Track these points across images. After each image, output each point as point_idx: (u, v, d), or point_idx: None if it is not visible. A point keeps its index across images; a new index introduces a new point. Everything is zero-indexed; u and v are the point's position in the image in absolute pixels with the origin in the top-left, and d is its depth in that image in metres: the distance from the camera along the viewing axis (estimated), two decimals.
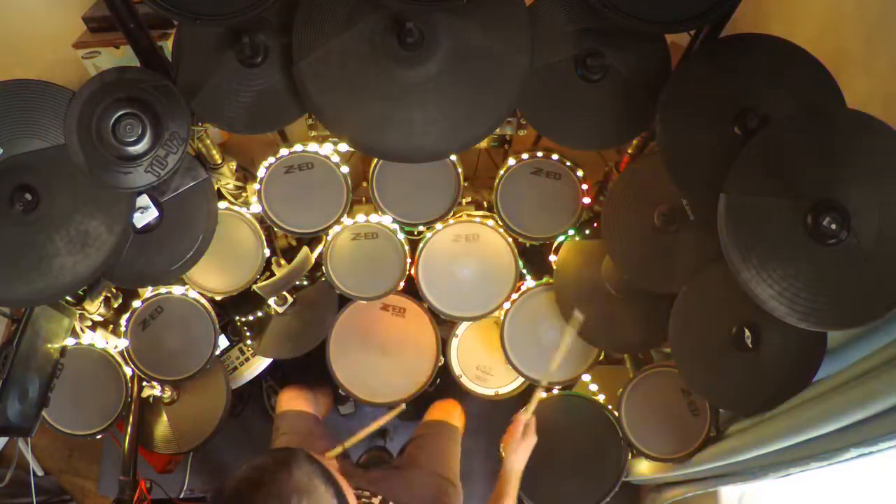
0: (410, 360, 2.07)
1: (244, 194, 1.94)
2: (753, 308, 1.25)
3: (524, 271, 2.01)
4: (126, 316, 1.90)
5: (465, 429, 2.02)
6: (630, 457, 1.89)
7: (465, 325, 2.12)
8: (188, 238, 1.58)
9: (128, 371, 1.90)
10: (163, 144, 1.37)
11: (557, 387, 2.01)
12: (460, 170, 1.85)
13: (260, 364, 2.31)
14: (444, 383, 2.24)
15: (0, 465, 2.21)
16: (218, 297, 1.95)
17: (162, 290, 1.90)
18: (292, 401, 1.97)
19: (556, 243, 1.95)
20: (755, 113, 1.32)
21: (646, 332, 1.81)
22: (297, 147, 1.81)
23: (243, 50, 1.41)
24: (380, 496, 1.47)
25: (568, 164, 1.84)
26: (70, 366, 1.81)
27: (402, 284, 1.97)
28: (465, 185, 1.90)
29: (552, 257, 1.97)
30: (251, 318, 2.24)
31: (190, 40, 1.45)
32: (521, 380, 2.07)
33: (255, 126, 1.52)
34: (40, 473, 2.57)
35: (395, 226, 1.92)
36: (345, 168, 1.83)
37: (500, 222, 1.91)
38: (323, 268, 1.96)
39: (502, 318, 1.98)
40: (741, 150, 1.26)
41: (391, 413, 1.66)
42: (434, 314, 2.03)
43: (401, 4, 1.29)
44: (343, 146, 1.85)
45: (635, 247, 1.64)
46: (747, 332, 1.44)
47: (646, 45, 1.47)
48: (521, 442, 1.54)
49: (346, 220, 1.88)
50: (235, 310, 2.23)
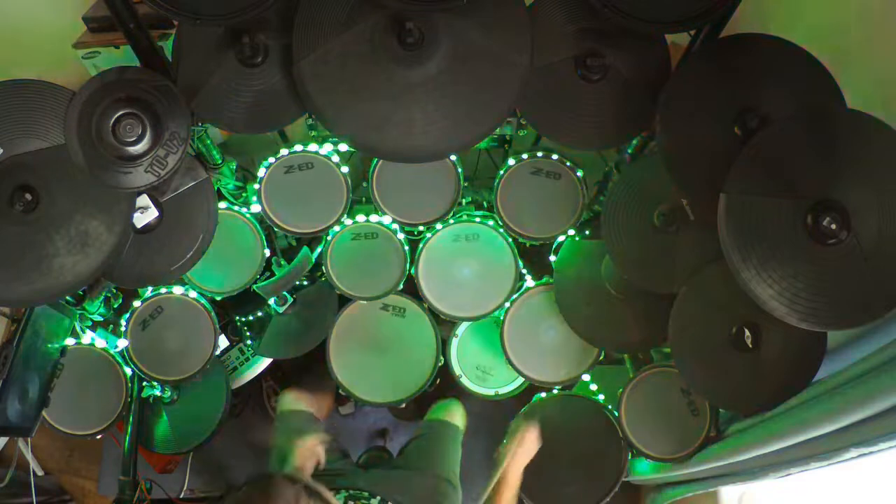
0: (410, 360, 2.07)
1: (244, 194, 1.94)
2: (753, 308, 1.25)
3: (524, 271, 2.01)
4: (126, 316, 1.90)
5: (466, 429, 2.02)
6: (630, 457, 1.90)
7: (465, 325, 2.12)
8: (188, 238, 1.58)
9: (128, 371, 1.91)
10: (163, 144, 1.37)
11: (557, 387, 2.01)
12: (460, 170, 1.86)
13: (260, 364, 2.31)
14: (444, 383, 2.24)
15: (0, 465, 2.21)
16: (218, 297, 1.95)
17: (162, 290, 1.91)
18: (292, 401, 1.96)
19: (555, 243, 1.96)
20: (755, 113, 1.32)
21: (646, 332, 1.81)
22: (297, 147, 1.81)
23: (243, 50, 1.41)
24: (379, 496, 1.47)
25: (568, 164, 1.84)
26: (70, 366, 1.81)
27: (402, 284, 1.97)
28: (465, 185, 1.90)
29: (552, 257, 1.97)
30: (251, 318, 2.24)
31: (190, 40, 1.44)
32: (521, 380, 2.07)
33: (255, 126, 1.52)
34: (40, 473, 2.57)
35: (395, 226, 1.92)
36: (345, 168, 1.83)
37: (500, 222, 1.91)
38: (323, 268, 1.96)
39: (502, 318, 1.98)
40: (741, 150, 1.26)
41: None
42: (434, 314, 2.03)
43: (401, 4, 1.29)
44: (343, 146, 1.85)
45: (635, 247, 1.64)
46: (747, 332, 1.44)
47: (646, 45, 1.47)
48: (517, 449, 1.51)
49: (346, 220, 1.88)
50: (235, 310, 2.23)
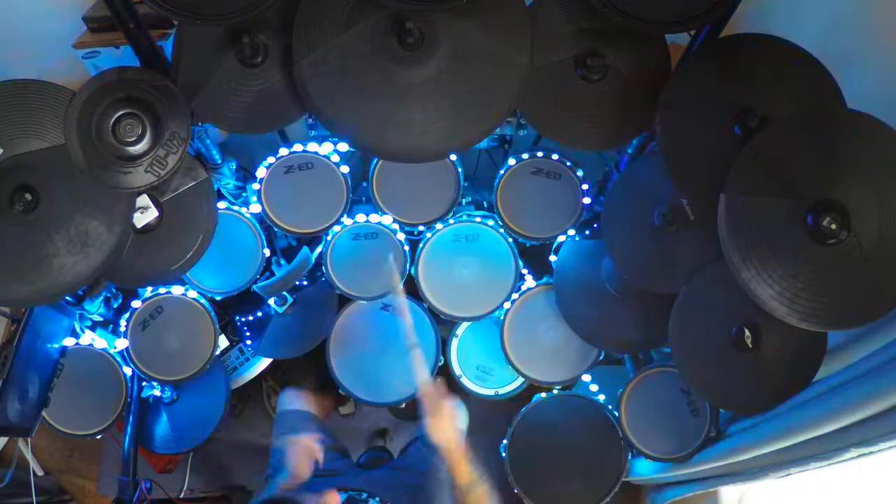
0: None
1: (244, 194, 1.94)
2: (753, 308, 1.25)
3: (524, 271, 2.01)
4: (126, 316, 1.90)
5: (466, 429, 2.02)
6: (630, 457, 1.90)
7: (465, 325, 2.12)
8: (188, 238, 1.58)
9: (128, 371, 1.91)
10: (163, 144, 1.37)
11: (557, 387, 2.01)
12: (460, 170, 1.86)
13: (260, 364, 2.31)
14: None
15: (0, 465, 2.21)
16: (218, 297, 1.95)
17: (162, 290, 1.91)
18: (292, 401, 1.96)
19: (555, 243, 1.95)
20: (755, 113, 1.32)
21: (646, 332, 1.81)
22: (297, 147, 1.81)
23: (243, 50, 1.41)
24: (379, 496, 1.47)
25: (568, 164, 1.84)
26: (70, 366, 1.81)
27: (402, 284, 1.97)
28: (465, 184, 1.90)
29: (552, 257, 1.97)
30: (251, 318, 2.24)
31: (190, 40, 1.44)
32: (521, 380, 2.07)
33: (255, 126, 1.52)
34: (40, 473, 2.57)
35: (395, 226, 1.92)
36: (345, 168, 1.83)
37: (500, 222, 1.91)
38: (323, 268, 1.96)
39: (502, 318, 1.98)
40: (741, 150, 1.26)
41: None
42: (434, 314, 2.03)
43: (401, 4, 1.29)
44: (343, 146, 1.85)
45: (635, 247, 1.64)
46: (747, 332, 1.43)
47: (646, 45, 1.47)
48: (437, 421, 1.44)
49: (346, 220, 1.88)
50: (235, 310, 2.23)
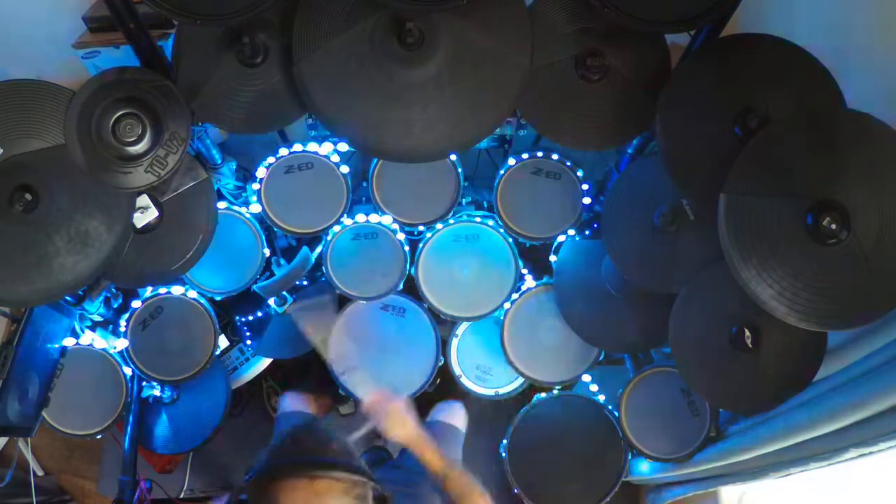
0: (410, 360, 2.07)
1: (244, 194, 1.94)
2: (753, 308, 1.25)
3: (524, 271, 2.01)
4: (126, 316, 1.90)
5: (467, 429, 2.02)
6: (630, 457, 1.90)
7: (465, 325, 2.12)
8: (188, 238, 1.58)
9: (128, 371, 1.90)
10: (163, 144, 1.37)
11: (557, 387, 2.01)
12: (460, 170, 1.86)
13: (260, 364, 2.31)
14: (444, 383, 2.24)
15: (0, 465, 2.21)
16: (218, 297, 1.95)
17: (162, 290, 1.90)
18: (292, 403, 1.96)
19: (555, 243, 1.95)
20: (755, 113, 1.32)
21: (646, 332, 1.81)
22: (297, 147, 1.81)
23: (243, 50, 1.41)
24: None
25: (568, 164, 1.84)
26: (70, 366, 1.81)
27: (402, 284, 1.97)
28: (465, 185, 1.90)
29: (552, 257, 1.97)
30: (251, 318, 2.24)
31: (190, 40, 1.44)
32: (521, 380, 2.07)
33: (255, 126, 1.52)
34: (40, 473, 2.57)
35: (395, 226, 1.92)
36: (345, 168, 1.83)
37: (500, 222, 1.91)
38: (323, 268, 1.96)
39: (502, 318, 1.98)
40: (741, 150, 1.26)
41: None
42: (434, 314, 2.03)
43: (401, 4, 1.29)
44: (343, 146, 1.85)
45: (635, 247, 1.64)
46: (747, 332, 1.43)
47: (646, 45, 1.47)
48: (390, 420, 1.40)
49: (346, 220, 1.88)
50: (235, 310, 2.23)
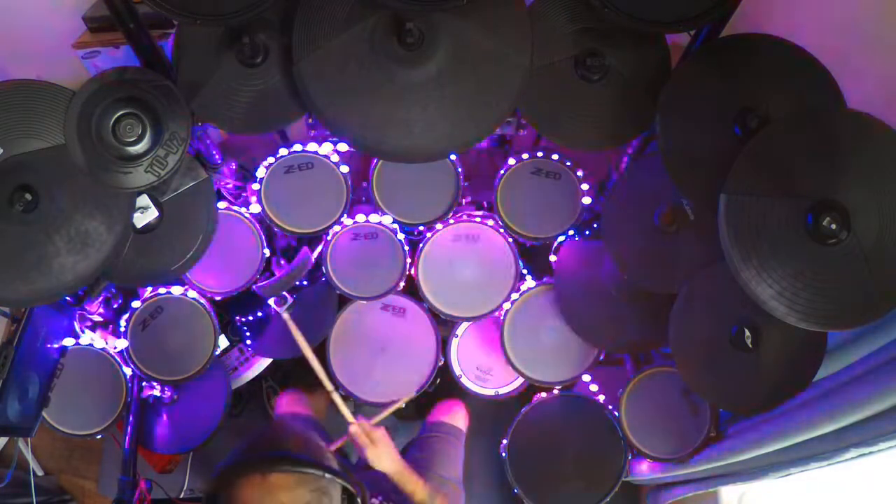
0: (410, 360, 2.07)
1: (244, 194, 1.94)
2: (753, 308, 1.25)
3: (524, 271, 2.01)
4: (126, 316, 1.90)
5: (467, 429, 2.02)
6: (630, 457, 1.90)
7: (465, 325, 2.12)
8: (188, 238, 1.58)
9: (128, 371, 1.90)
10: (163, 144, 1.37)
11: (557, 387, 2.01)
12: (460, 170, 1.86)
13: (260, 364, 2.31)
14: (444, 383, 2.24)
15: (0, 465, 2.21)
16: (218, 297, 1.95)
17: (162, 290, 1.90)
18: (290, 404, 1.96)
19: (555, 243, 1.95)
20: (755, 113, 1.32)
21: (646, 332, 1.81)
22: (297, 147, 1.81)
23: (243, 50, 1.41)
24: (380, 496, 1.47)
25: (568, 164, 1.84)
26: (70, 366, 1.81)
27: (402, 284, 1.97)
28: (465, 185, 1.90)
29: (552, 257, 1.97)
30: (251, 318, 2.24)
31: (190, 40, 1.44)
32: (521, 380, 2.07)
33: (255, 126, 1.52)
34: (40, 473, 2.57)
35: (395, 226, 1.92)
36: (345, 168, 1.83)
37: (500, 222, 1.91)
38: (323, 268, 1.96)
39: (502, 318, 1.98)
40: (741, 150, 1.26)
41: (388, 410, 1.65)
42: (434, 314, 2.03)
43: (401, 4, 1.29)
44: (343, 146, 1.85)
45: (635, 247, 1.64)
46: (747, 332, 1.44)
47: (646, 45, 1.47)
48: (376, 450, 1.50)
49: (346, 220, 1.88)
50: (235, 310, 2.23)
